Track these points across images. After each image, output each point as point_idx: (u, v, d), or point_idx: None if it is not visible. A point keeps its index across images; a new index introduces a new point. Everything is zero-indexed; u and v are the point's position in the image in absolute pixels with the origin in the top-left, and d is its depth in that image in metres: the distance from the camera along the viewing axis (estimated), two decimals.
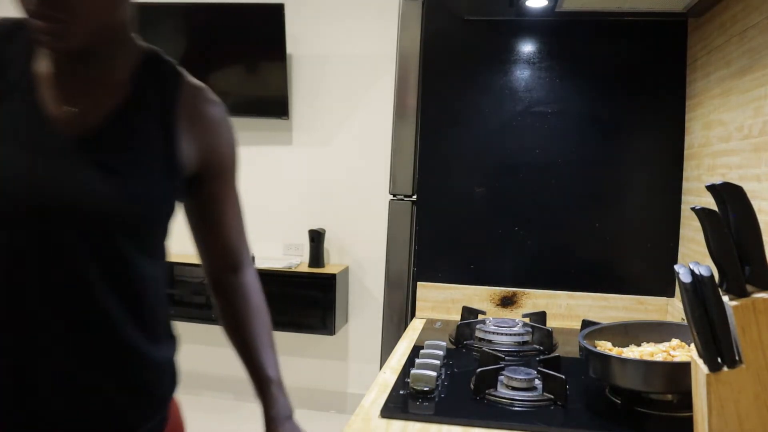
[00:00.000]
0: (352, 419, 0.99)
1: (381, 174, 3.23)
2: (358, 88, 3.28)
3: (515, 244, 1.65)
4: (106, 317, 0.81)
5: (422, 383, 1.08)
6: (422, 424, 0.97)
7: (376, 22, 3.22)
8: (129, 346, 0.84)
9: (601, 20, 1.60)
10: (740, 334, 0.76)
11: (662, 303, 1.58)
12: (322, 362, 3.38)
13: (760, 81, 1.15)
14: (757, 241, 0.78)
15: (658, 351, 1.06)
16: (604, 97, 1.62)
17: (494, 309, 1.65)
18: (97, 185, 0.80)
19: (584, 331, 1.14)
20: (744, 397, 0.76)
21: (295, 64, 3.32)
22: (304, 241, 3.34)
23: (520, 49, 1.65)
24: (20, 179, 0.78)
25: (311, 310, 3.09)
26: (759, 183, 1.14)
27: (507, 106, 1.66)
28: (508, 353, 1.32)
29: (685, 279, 0.78)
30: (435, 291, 1.68)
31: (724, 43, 1.33)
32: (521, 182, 1.65)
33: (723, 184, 0.79)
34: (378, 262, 3.28)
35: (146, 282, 0.86)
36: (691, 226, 1.51)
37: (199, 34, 3.23)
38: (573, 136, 1.63)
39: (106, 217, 0.80)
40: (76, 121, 0.81)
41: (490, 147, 1.67)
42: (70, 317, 0.80)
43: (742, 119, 1.23)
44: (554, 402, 1.05)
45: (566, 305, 1.62)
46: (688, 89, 1.57)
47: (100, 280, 0.80)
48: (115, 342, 0.83)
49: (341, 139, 3.32)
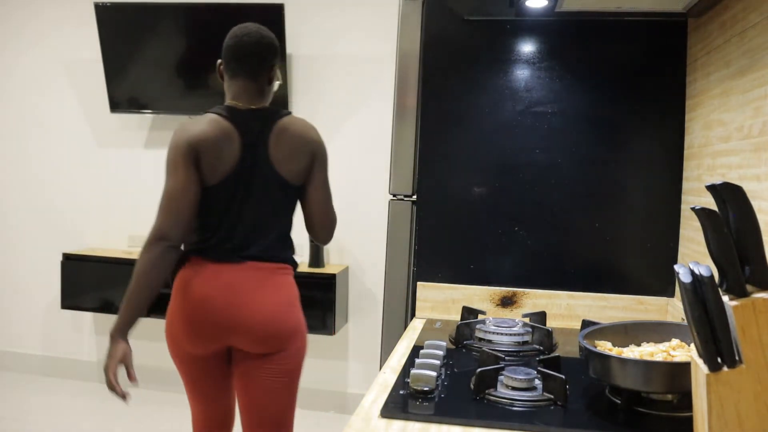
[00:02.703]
0: (352, 419, 0.99)
1: (381, 174, 3.23)
2: (358, 88, 3.28)
3: (515, 244, 1.65)
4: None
5: (422, 383, 1.08)
6: (422, 424, 0.97)
7: (376, 22, 3.22)
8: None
9: (601, 20, 1.60)
10: (740, 334, 0.76)
11: (662, 303, 1.58)
12: (322, 362, 3.38)
13: (760, 81, 1.15)
14: (757, 241, 0.78)
15: (658, 351, 1.06)
16: (604, 97, 1.62)
17: (494, 309, 1.65)
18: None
19: (584, 331, 1.14)
20: (744, 397, 0.76)
21: (295, 63, 3.32)
22: (304, 241, 3.33)
23: (520, 49, 1.65)
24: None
25: (311, 310, 3.08)
26: (759, 183, 1.14)
27: (507, 106, 1.66)
28: (508, 353, 1.32)
29: (685, 279, 0.78)
30: (435, 291, 1.68)
31: (724, 43, 1.33)
32: (521, 182, 1.65)
33: (723, 184, 0.79)
34: (378, 262, 3.28)
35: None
36: (691, 226, 1.51)
37: (199, 34, 3.23)
38: (573, 136, 1.63)
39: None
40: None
41: (490, 147, 1.67)
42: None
43: (742, 119, 1.23)
44: (554, 402, 1.05)
45: (566, 305, 1.62)
46: (688, 89, 1.57)
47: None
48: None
49: (341, 139, 3.32)
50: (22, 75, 3.69)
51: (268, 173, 1.66)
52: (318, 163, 1.72)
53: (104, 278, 3.31)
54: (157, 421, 3.17)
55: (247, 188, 1.65)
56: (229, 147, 1.63)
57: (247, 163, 1.64)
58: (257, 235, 1.67)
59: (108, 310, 3.31)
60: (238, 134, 1.64)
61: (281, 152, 1.66)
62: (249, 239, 1.67)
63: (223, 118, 1.64)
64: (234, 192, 1.65)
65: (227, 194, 1.64)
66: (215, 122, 1.64)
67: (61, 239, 3.69)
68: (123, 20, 3.26)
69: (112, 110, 3.41)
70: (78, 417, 3.19)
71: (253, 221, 1.67)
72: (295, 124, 1.70)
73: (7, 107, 3.74)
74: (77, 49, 3.58)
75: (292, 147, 1.67)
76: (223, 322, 1.63)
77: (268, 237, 1.69)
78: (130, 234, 3.60)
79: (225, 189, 1.64)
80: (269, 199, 1.68)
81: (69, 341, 3.73)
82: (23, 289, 3.78)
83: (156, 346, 3.61)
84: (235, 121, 1.64)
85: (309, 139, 1.70)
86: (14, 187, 3.76)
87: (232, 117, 1.65)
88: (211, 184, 1.64)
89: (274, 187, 1.68)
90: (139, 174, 3.56)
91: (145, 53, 3.29)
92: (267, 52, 1.71)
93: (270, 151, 1.66)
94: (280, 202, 1.71)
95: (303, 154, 1.69)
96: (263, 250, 1.67)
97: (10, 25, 3.68)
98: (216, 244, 1.65)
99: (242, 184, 1.65)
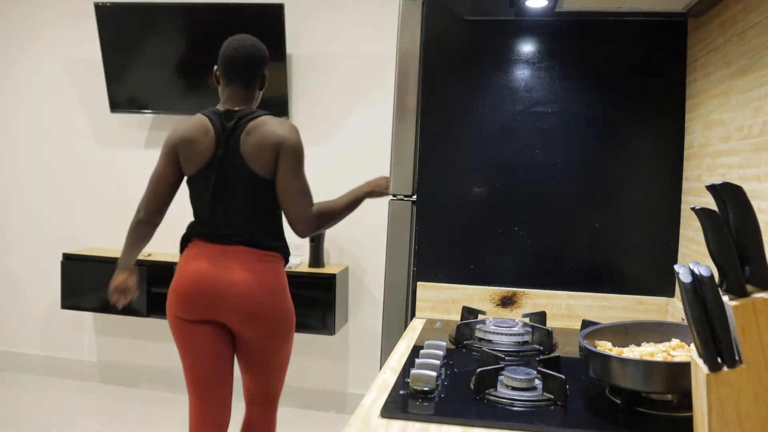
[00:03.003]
0: (352, 419, 0.99)
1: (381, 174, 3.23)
2: (358, 88, 3.28)
3: (515, 244, 1.65)
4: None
5: (422, 383, 1.08)
6: (422, 424, 0.97)
7: (376, 22, 3.22)
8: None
9: (601, 20, 1.60)
10: (740, 334, 0.76)
11: (662, 303, 1.58)
12: (322, 362, 3.39)
13: (760, 81, 1.15)
14: (757, 241, 0.78)
15: (658, 351, 1.06)
16: (604, 97, 1.62)
17: (494, 309, 1.65)
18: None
19: (584, 331, 1.14)
20: (744, 397, 0.76)
21: (295, 64, 3.32)
22: (303, 241, 3.34)
23: (520, 49, 1.65)
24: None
25: (311, 310, 3.09)
26: (759, 183, 1.14)
27: (507, 106, 1.66)
28: (508, 353, 1.32)
29: (685, 279, 0.78)
30: (435, 291, 1.68)
31: (724, 43, 1.33)
32: (521, 182, 1.65)
33: (723, 184, 0.79)
34: (378, 262, 3.29)
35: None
36: (691, 226, 1.51)
37: (199, 34, 3.23)
38: (573, 136, 1.63)
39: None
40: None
41: (490, 147, 1.67)
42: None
43: (742, 119, 1.23)
44: (554, 402, 1.05)
45: (566, 305, 1.62)
46: (688, 89, 1.57)
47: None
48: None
49: (341, 139, 3.32)
50: (22, 75, 3.69)
51: (240, 167, 1.88)
52: (283, 155, 1.88)
53: (104, 278, 3.30)
54: (157, 421, 3.17)
55: (223, 180, 1.90)
56: (203, 143, 1.89)
57: (218, 158, 1.89)
58: (241, 222, 1.91)
59: (108, 310, 3.32)
60: (214, 132, 1.89)
61: (250, 147, 1.87)
62: (235, 225, 1.91)
63: (207, 118, 1.92)
64: (209, 182, 1.90)
65: (206, 183, 1.91)
66: (197, 121, 1.93)
67: (61, 239, 3.69)
68: (123, 20, 3.26)
69: (112, 110, 3.42)
70: (78, 417, 3.19)
71: (235, 209, 1.91)
72: (266, 122, 1.90)
73: (7, 107, 3.74)
74: (77, 49, 3.58)
75: (259, 142, 1.87)
76: (208, 296, 1.88)
77: (252, 224, 1.91)
78: None
79: (203, 178, 1.91)
80: (244, 190, 1.90)
81: (69, 341, 3.73)
82: (23, 289, 3.78)
83: (156, 347, 3.61)
84: (214, 121, 1.91)
85: (274, 134, 1.87)
86: (14, 187, 3.76)
87: (213, 117, 1.92)
88: (191, 174, 1.94)
89: (248, 180, 1.89)
90: (139, 174, 3.56)
91: (145, 53, 3.29)
92: (260, 63, 1.98)
93: (241, 147, 1.87)
94: (255, 194, 1.91)
95: (268, 147, 1.87)
96: (249, 236, 1.90)
97: (10, 24, 3.68)
98: (207, 229, 1.93)
99: (216, 175, 1.90)
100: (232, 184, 1.89)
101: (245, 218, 1.91)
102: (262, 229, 1.92)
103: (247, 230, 1.90)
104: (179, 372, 3.49)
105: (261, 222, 1.92)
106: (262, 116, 1.91)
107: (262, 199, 1.92)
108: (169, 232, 3.51)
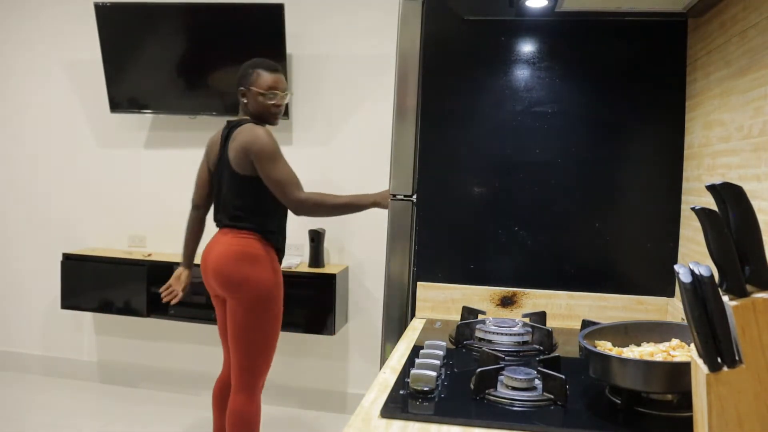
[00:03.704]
0: (352, 419, 0.99)
1: (381, 174, 3.23)
2: (358, 88, 3.28)
3: (515, 244, 1.65)
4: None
5: (422, 383, 1.08)
6: (422, 424, 0.97)
7: (375, 22, 3.22)
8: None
9: (600, 20, 1.60)
10: (740, 334, 0.76)
11: (662, 303, 1.58)
12: (322, 362, 3.39)
13: (760, 81, 1.15)
14: (757, 241, 0.78)
15: (658, 351, 1.06)
16: (604, 97, 1.62)
17: (494, 309, 1.65)
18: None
19: (584, 331, 1.14)
20: (744, 397, 0.76)
21: (295, 64, 3.32)
22: (304, 241, 3.34)
23: (520, 49, 1.65)
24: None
25: (311, 310, 3.09)
26: (759, 183, 1.14)
27: (507, 106, 1.66)
28: (508, 353, 1.32)
29: (685, 279, 0.78)
30: (435, 291, 1.68)
31: (724, 43, 1.33)
32: (521, 182, 1.65)
33: (723, 184, 0.79)
34: (378, 262, 3.29)
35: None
36: (691, 226, 1.51)
37: (199, 34, 3.23)
38: (573, 136, 1.63)
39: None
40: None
41: (490, 147, 1.67)
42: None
43: (742, 119, 1.23)
44: (554, 402, 1.05)
45: (566, 305, 1.62)
46: (688, 89, 1.57)
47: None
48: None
49: (341, 139, 3.32)
50: (22, 75, 3.69)
51: (227, 167, 2.28)
52: (254, 158, 2.21)
53: (104, 278, 3.32)
54: (157, 421, 3.17)
55: (221, 176, 2.33)
56: (214, 149, 2.39)
57: (218, 160, 2.35)
58: (228, 210, 2.30)
59: (108, 310, 3.32)
60: (220, 139, 2.35)
61: (232, 152, 2.25)
62: (224, 212, 2.32)
63: (223, 128, 2.38)
64: (214, 178, 2.40)
65: (215, 179, 2.40)
66: (218, 130, 2.42)
67: (61, 239, 3.69)
68: (123, 20, 3.26)
69: (112, 110, 3.41)
70: (78, 417, 3.19)
71: (224, 199, 2.32)
72: (242, 131, 2.26)
73: (6, 107, 3.74)
74: (77, 49, 3.58)
75: (236, 147, 2.24)
76: (203, 273, 2.34)
77: (235, 212, 2.28)
78: (130, 234, 3.60)
79: (214, 177, 2.41)
80: (230, 185, 2.30)
81: (69, 341, 3.73)
82: (23, 289, 3.78)
83: (156, 346, 3.61)
84: (223, 130, 2.36)
85: (244, 140, 2.22)
86: (14, 187, 3.76)
87: (224, 127, 2.37)
88: (212, 173, 2.43)
89: (232, 177, 2.27)
90: (139, 174, 3.57)
91: (145, 53, 3.29)
92: (237, 82, 2.37)
93: (228, 152, 2.27)
94: (239, 188, 2.28)
95: (241, 152, 2.23)
96: (230, 221, 2.29)
97: (10, 24, 3.68)
98: (215, 218, 2.40)
99: (217, 173, 2.36)
100: (224, 181, 2.30)
101: (230, 207, 2.29)
102: (243, 214, 2.28)
103: (230, 217, 2.29)
104: (179, 372, 3.49)
105: (243, 209, 2.28)
106: (244, 124, 2.28)
107: (243, 192, 2.28)
108: (169, 234, 3.52)
